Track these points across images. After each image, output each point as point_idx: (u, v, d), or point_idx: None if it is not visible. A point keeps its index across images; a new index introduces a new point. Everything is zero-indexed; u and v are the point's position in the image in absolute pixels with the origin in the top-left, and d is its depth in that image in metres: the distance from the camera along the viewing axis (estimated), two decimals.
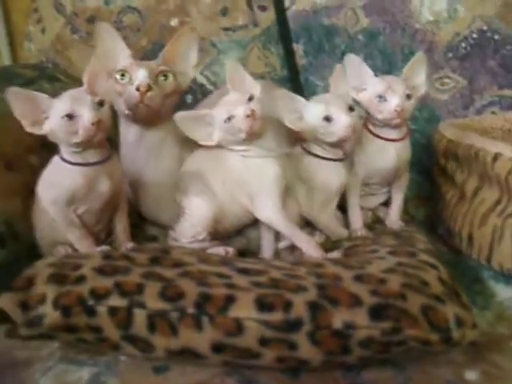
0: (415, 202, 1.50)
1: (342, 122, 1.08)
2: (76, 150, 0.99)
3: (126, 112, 1.11)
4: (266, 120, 1.06)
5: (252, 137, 1.04)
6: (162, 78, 1.12)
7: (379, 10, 1.52)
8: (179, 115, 1.09)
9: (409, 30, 1.52)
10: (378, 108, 1.15)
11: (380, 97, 1.14)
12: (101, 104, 0.97)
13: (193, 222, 1.09)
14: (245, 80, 1.09)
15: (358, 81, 1.17)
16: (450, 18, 1.52)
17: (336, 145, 1.13)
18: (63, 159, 1.00)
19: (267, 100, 1.10)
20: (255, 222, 1.12)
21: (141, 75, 1.08)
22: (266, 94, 1.09)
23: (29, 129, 0.98)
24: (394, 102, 1.13)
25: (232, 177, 1.08)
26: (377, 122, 1.18)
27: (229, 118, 1.03)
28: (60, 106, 0.96)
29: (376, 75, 1.18)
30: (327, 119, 1.09)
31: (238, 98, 1.05)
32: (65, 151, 1.00)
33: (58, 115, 0.95)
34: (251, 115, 1.01)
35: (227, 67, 1.11)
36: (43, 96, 0.98)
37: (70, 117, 0.95)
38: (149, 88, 1.07)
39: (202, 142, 1.09)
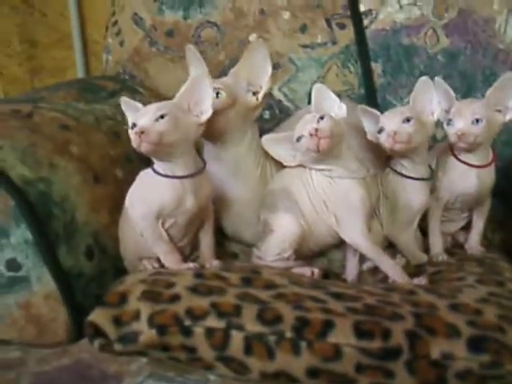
0: (491, 226, 1.46)
1: (386, 131, 1.09)
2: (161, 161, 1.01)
3: None
4: (344, 140, 1.07)
5: (324, 156, 1.04)
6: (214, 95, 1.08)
7: (461, 29, 1.50)
8: (265, 138, 1.16)
9: (491, 50, 1.49)
10: (448, 132, 1.15)
11: (449, 120, 1.14)
12: (162, 117, 0.97)
13: (280, 238, 1.09)
14: (331, 102, 1.10)
15: (445, 104, 1.16)
16: None
17: (408, 160, 1.14)
18: (154, 170, 1.02)
19: (351, 119, 1.10)
20: (340, 243, 1.12)
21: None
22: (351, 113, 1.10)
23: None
24: (456, 125, 1.12)
25: (318, 196, 1.09)
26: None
27: (299, 138, 1.04)
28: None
29: (456, 99, 1.17)
30: (381, 130, 1.11)
31: (311, 117, 1.06)
32: (156, 162, 1.02)
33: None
34: (315, 134, 1.00)
35: (313, 90, 1.12)
36: (140, 106, 1.04)
37: (133, 125, 0.97)
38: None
39: (286, 163, 1.12)
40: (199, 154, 1.09)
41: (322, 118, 1.04)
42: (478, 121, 1.11)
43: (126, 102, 1.07)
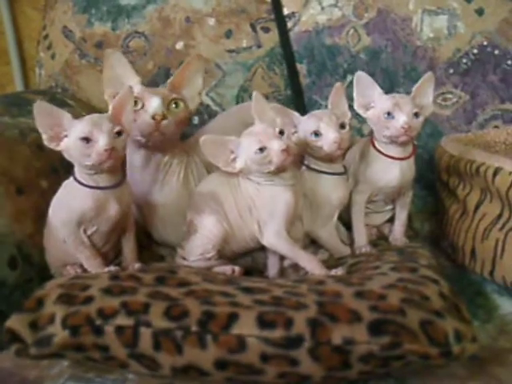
0: (420, 217, 1.51)
1: (329, 138, 1.12)
2: (88, 172, 1.02)
3: (139, 138, 1.13)
4: None
5: (279, 171, 1.06)
6: (174, 106, 1.15)
7: (381, 28, 1.55)
8: (205, 139, 1.08)
9: (410, 47, 1.54)
10: (386, 125, 1.16)
11: (388, 114, 1.16)
12: (119, 133, 1.00)
13: (204, 239, 1.12)
14: (267, 111, 1.11)
15: (367, 99, 1.20)
16: (450, 35, 1.54)
17: (325, 159, 1.16)
18: (76, 180, 1.04)
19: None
20: (262, 247, 1.14)
21: (155, 103, 1.11)
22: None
23: (47, 143, 1.01)
24: (401, 119, 1.14)
25: (244, 202, 1.11)
26: (383, 139, 1.20)
27: (260, 149, 1.04)
28: (80, 127, 0.99)
29: (385, 93, 1.20)
30: (316, 134, 1.13)
31: (268, 129, 1.06)
32: (78, 172, 1.03)
33: (76, 136, 0.99)
34: (286, 150, 1.02)
35: (253, 98, 1.11)
36: (67, 115, 1.01)
37: (87, 140, 0.98)
38: (164, 116, 1.11)
39: (223, 168, 1.10)
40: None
41: (281, 132, 1.06)
42: (416, 114, 1.16)
43: (41, 106, 1.01)
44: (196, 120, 1.55)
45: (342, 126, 1.14)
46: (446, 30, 1.54)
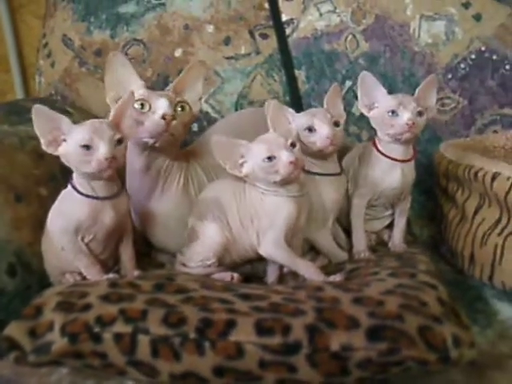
0: (419, 222, 1.51)
1: (322, 133, 1.12)
2: (86, 179, 1.02)
3: (147, 140, 1.13)
4: None
5: (285, 182, 1.06)
6: (180, 109, 1.16)
7: (379, 34, 1.55)
8: (216, 139, 1.09)
9: (408, 53, 1.55)
10: (391, 123, 1.18)
11: (392, 112, 1.17)
12: (119, 142, 1.00)
13: (204, 246, 1.12)
14: (285, 121, 1.13)
15: (371, 99, 1.21)
16: (448, 40, 1.54)
17: (318, 157, 1.16)
18: (74, 188, 1.04)
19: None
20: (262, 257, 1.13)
21: (164, 104, 1.11)
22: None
23: (45, 147, 1.01)
24: (405, 116, 1.16)
25: (247, 211, 1.10)
26: (387, 138, 1.21)
27: (269, 158, 1.04)
28: (81, 134, 0.98)
29: (389, 93, 1.21)
30: (310, 129, 1.14)
31: (279, 139, 1.06)
32: (76, 179, 1.04)
33: (76, 142, 0.98)
34: (294, 163, 1.02)
35: (269, 106, 1.11)
36: (66, 119, 1.01)
37: (88, 147, 0.98)
38: (174, 117, 1.11)
39: (230, 171, 1.09)
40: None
41: (293, 145, 1.05)
42: (420, 113, 1.17)
43: (40, 110, 1.01)
44: (195, 127, 1.56)
45: (336, 124, 1.15)
46: (443, 36, 1.55)
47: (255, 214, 1.10)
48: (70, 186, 1.05)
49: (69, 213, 1.05)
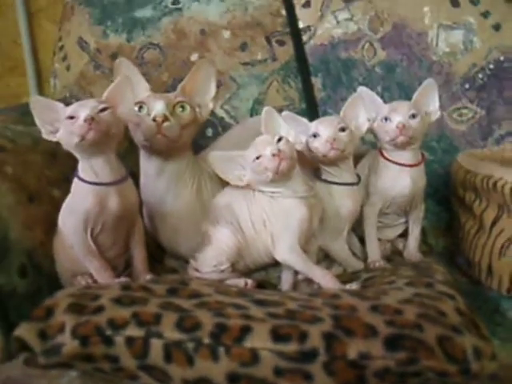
0: (434, 232, 1.49)
1: (322, 137, 1.11)
2: (87, 164, 1.02)
3: (144, 143, 1.13)
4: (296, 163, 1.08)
5: (279, 177, 1.05)
6: (180, 109, 1.15)
7: (396, 42, 1.54)
8: (213, 155, 1.12)
9: (426, 62, 1.53)
10: (385, 129, 1.19)
11: (386, 119, 1.19)
12: (103, 110, 1.00)
13: (217, 251, 1.11)
14: (279, 126, 1.13)
15: (371, 112, 1.21)
16: (466, 50, 1.53)
17: (328, 163, 1.16)
18: (79, 178, 1.04)
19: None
20: (276, 263, 1.13)
21: (157, 106, 1.11)
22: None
23: (46, 136, 1.03)
24: (396, 119, 1.17)
25: (259, 215, 1.10)
26: (386, 146, 1.22)
27: (257, 158, 1.05)
28: (69, 109, 1.01)
29: (385, 102, 1.22)
30: (314, 136, 1.13)
31: (266, 138, 1.07)
32: (80, 167, 1.04)
33: (65, 117, 1.00)
34: (277, 154, 1.02)
35: (263, 113, 1.13)
36: (60, 105, 1.03)
37: (71, 118, 0.99)
38: (165, 118, 1.10)
39: (233, 183, 1.11)
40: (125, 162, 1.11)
41: (279, 139, 1.05)
42: (414, 116, 1.18)
43: (37, 101, 1.06)
44: (210, 132, 1.55)
45: (342, 130, 1.13)
46: (461, 45, 1.53)
47: (267, 217, 1.09)
48: (75, 178, 1.05)
49: (77, 206, 1.05)
